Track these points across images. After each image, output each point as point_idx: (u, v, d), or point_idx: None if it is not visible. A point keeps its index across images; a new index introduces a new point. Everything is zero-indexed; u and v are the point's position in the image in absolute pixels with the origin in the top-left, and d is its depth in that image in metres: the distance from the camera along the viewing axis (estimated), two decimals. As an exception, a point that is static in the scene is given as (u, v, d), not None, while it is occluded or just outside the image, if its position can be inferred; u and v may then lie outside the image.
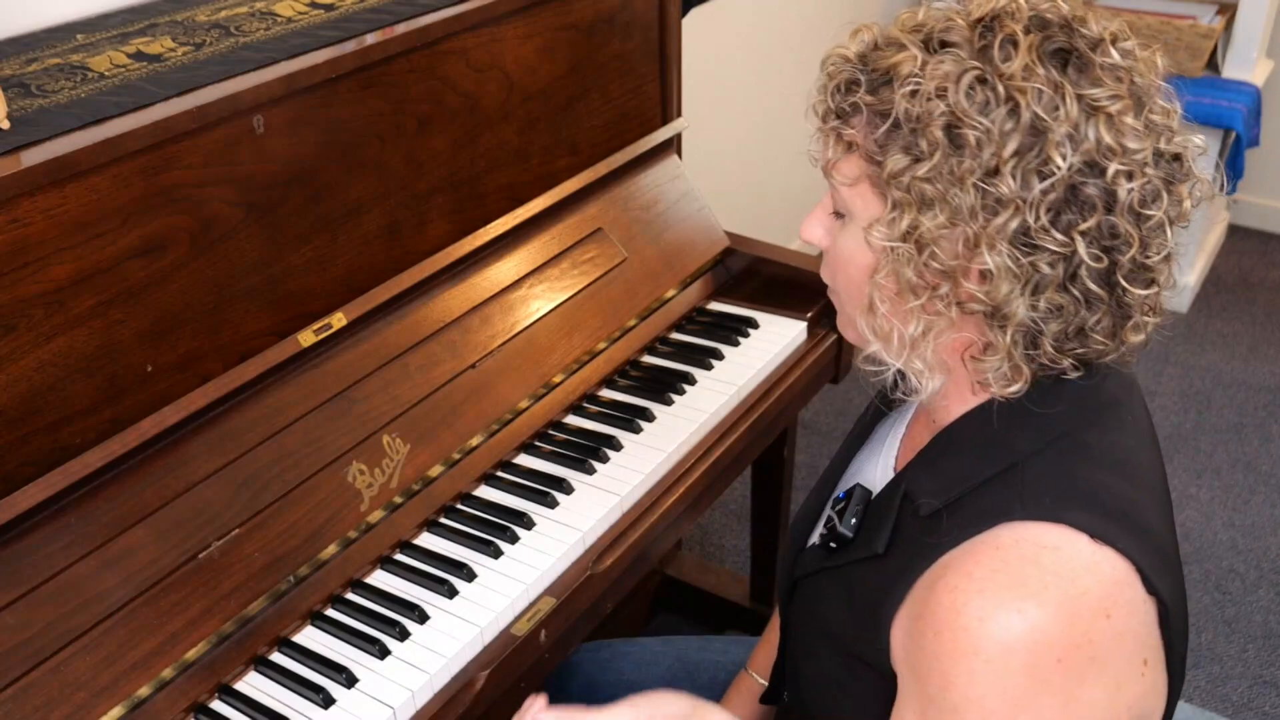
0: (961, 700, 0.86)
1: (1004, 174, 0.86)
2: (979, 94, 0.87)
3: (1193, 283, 3.47)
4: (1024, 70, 0.87)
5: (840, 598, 1.03)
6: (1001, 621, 0.85)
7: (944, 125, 0.87)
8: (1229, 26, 3.21)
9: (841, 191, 0.96)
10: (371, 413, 1.47)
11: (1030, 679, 0.84)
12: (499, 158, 1.70)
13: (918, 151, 0.89)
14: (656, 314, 1.87)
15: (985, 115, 0.87)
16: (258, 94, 1.33)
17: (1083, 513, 0.89)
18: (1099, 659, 0.86)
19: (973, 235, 0.88)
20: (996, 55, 0.88)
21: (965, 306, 0.92)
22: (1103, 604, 0.86)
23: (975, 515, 0.91)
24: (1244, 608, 2.44)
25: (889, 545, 0.99)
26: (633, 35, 1.90)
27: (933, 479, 0.98)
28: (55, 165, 1.15)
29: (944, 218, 0.89)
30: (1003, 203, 0.87)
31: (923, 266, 0.91)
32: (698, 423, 1.67)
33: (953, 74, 0.88)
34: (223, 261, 1.35)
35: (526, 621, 1.36)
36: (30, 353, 1.19)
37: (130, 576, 1.23)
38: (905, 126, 0.89)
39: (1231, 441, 2.93)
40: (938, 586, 0.89)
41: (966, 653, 0.86)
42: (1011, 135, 0.86)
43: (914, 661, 0.91)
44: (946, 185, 0.88)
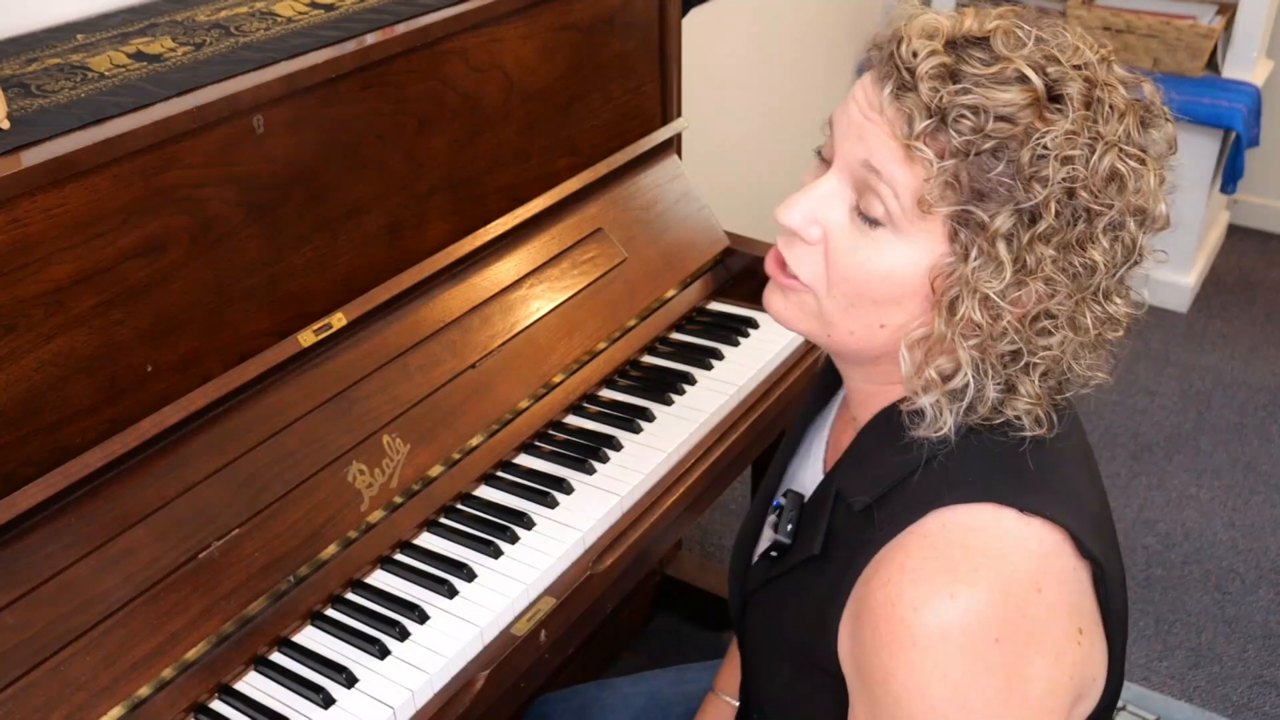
0: (903, 691, 0.86)
1: (1096, 246, 0.87)
2: (1103, 166, 0.85)
3: (1193, 283, 3.47)
4: (1136, 147, 0.87)
5: (790, 606, 1.03)
6: (935, 609, 0.85)
7: (1065, 192, 0.84)
8: (1229, 26, 3.21)
9: (887, 205, 0.88)
10: (371, 413, 1.47)
11: (969, 662, 0.85)
12: (499, 158, 1.70)
13: (1030, 212, 0.84)
14: (656, 314, 1.87)
15: (1120, 194, 0.86)
16: (258, 94, 1.33)
17: (1008, 488, 0.89)
18: (1035, 634, 0.86)
19: (1071, 306, 0.89)
20: (1102, 122, 0.85)
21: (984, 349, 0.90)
22: (1033, 578, 0.86)
23: (904, 507, 0.91)
24: (1244, 608, 2.44)
25: (825, 545, 0.98)
26: (633, 35, 1.90)
27: (862, 474, 0.97)
28: (55, 165, 1.15)
29: (1043, 288, 0.87)
30: (1093, 269, 0.88)
31: (1001, 326, 0.88)
32: (698, 423, 1.67)
33: (1090, 146, 0.84)
34: (223, 261, 1.35)
35: (526, 621, 1.36)
36: (30, 353, 1.19)
37: (130, 576, 1.23)
38: (1018, 180, 0.83)
39: (1231, 441, 2.93)
40: (872, 583, 0.89)
41: (904, 644, 0.86)
42: (1127, 213, 0.87)
43: (857, 659, 0.91)
44: (1060, 253, 0.86)
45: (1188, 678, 2.28)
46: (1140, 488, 2.77)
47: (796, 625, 1.01)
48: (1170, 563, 2.55)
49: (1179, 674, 2.29)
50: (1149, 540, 2.60)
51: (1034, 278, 0.86)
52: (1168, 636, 2.37)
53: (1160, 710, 1.59)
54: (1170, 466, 2.84)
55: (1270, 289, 3.60)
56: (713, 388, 1.75)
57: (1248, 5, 3.16)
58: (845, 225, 0.92)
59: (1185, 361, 3.24)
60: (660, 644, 2.40)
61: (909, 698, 0.86)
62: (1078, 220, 0.85)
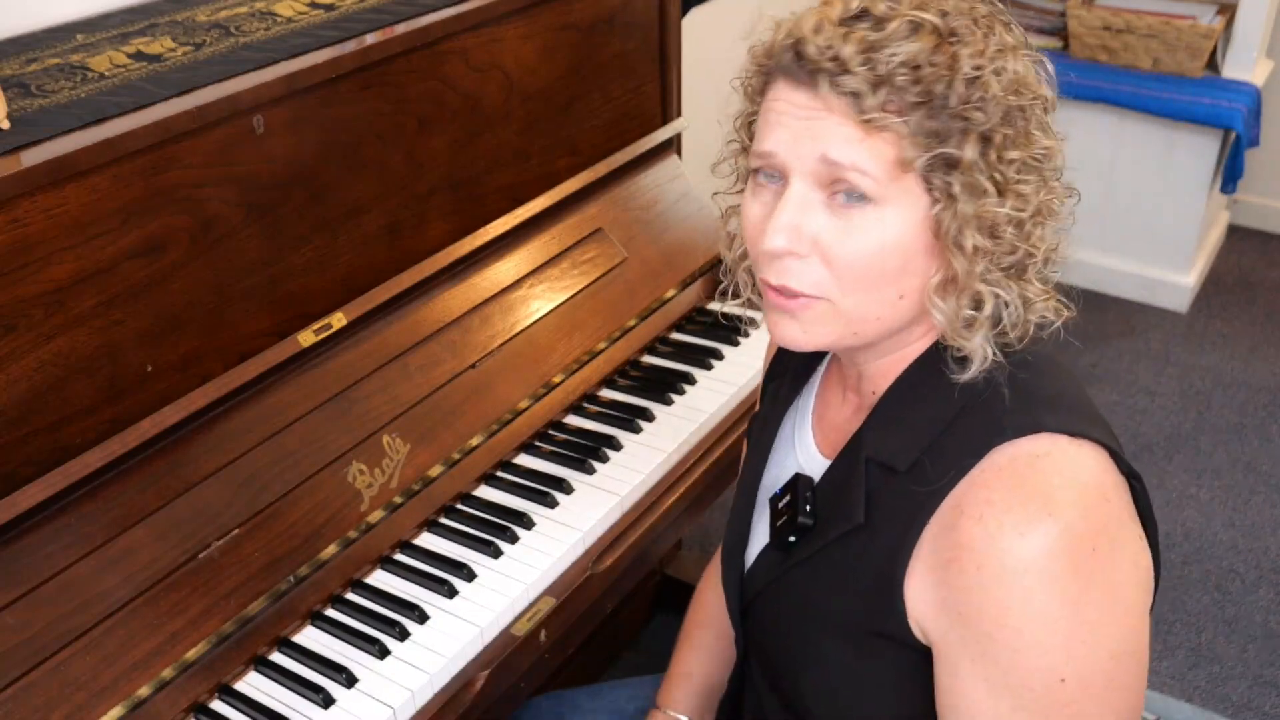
0: (1023, 619, 0.88)
1: (1038, 136, 0.93)
2: (1016, 68, 0.92)
3: (1193, 283, 3.47)
4: (1005, 39, 0.93)
5: (832, 583, 1.02)
6: (1037, 532, 0.88)
7: (1002, 102, 0.90)
8: (1229, 26, 3.21)
9: (862, 183, 0.90)
10: (371, 413, 1.47)
11: (1078, 575, 0.88)
12: (499, 158, 1.70)
13: (985, 133, 0.90)
14: (656, 314, 1.87)
15: (1026, 88, 0.92)
16: (258, 94, 1.33)
17: (1053, 416, 0.93)
18: (1118, 539, 0.91)
19: (1044, 194, 0.94)
20: (990, 35, 0.92)
21: (1024, 273, 0.95)
22: (1101, 490, 0.92)
23: (961, 451, 0.94)
24: (1244, 608, 2.44)
25: (868, 513, 0.99)
26: (633, 35, 1.90)
27: (897, 435, 0.99)
28: (55, 165, 1.15)
29: (1014, 203, 0.92)
30: (1049, 157, 0.94)
31: (1005, 242, 0.93)
32: (698, 423, 1.67)
33: (992, 52, 0.91)
34: (223, 261, 1.35)
35: (526, 621, 1.36)
36: (30, 353, 1.19)
37: (130, 576, 1.23)
38: (966, 109, 0.89)
39: (1231, 441, 2.93)
40: (961, 525, 0.91)
41: (1016, 572, 0.88)
42: (1038, 99, 0.93)
43: (955, 606, 0.91)
44: (1018, 169, 0.92)
45: (1188, 678, 2.28)
46: (1140, 488, 2.77)
47: (847, 599, 1.00)
48: (1170, 563, 2.55)
49: (1179, 674, 2.29)
50: (1149, 540, 2.60)
51: (1012, 185, 0.92)
52: (1168, 636, 2.37)
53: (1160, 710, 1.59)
54: (1170, 466, 2.84)
55: (1270, 289, 3.60)
56: (713, 388, 1.75)
57: (1248, 5, 3.15)
58: (828, 224, 0.93)
59: (1185, 361, 3.24)
60: (660, 644, 2.39)
61: (1029, 623, 0.88)
62: (1018, 121, 0.91)
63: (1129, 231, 3.43)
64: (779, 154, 0.93)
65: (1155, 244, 3.43)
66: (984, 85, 0.89)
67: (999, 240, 0.92)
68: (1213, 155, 3.24)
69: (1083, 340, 3.39)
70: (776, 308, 0.98)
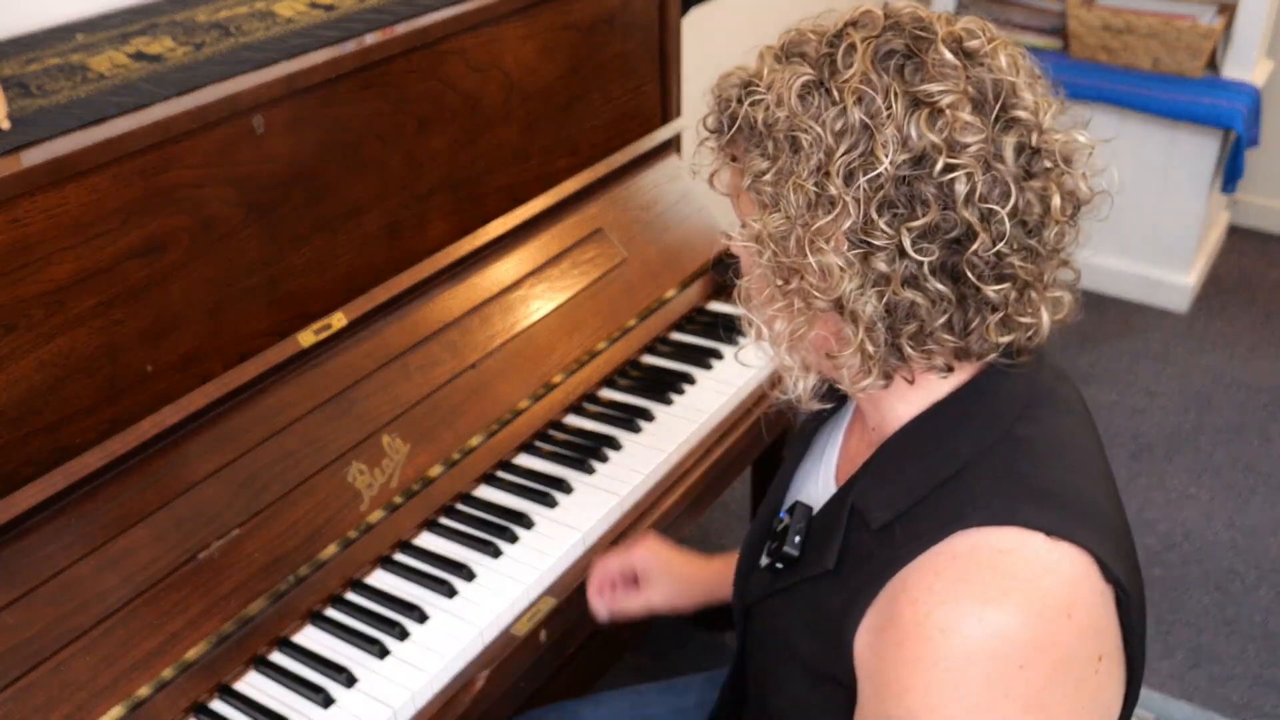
0: (918, 707, 0.86)
1: (832, 174, 0.89)
2: (813, 99, 0.91)
3: (1193, 283, 3.47)
4: (860, 75, 0.89)
5: (800, 618, 1.02)
6: (964, 630, 0.84)
7: (785, 130, 0.91)
8: (1229, 26, 3.20)
9: (734, 204, 1.01)
10: (371, 413, 1.47)
11: (990, 687, 0.84)
12: (499, 158, 1.70)
13: (766, 154, 0.93)
14: (656, 314, 1.87)
15: (817, 119, 0.90)
16: (258, 94, 1.33)
17: (1035, 510, 0.88)
18: (1061, 662, 0.85)
19: (806, 234, 0.91)
20: (840, 63, 0.90)
21: (811, 303, 0.93)
22: (1064, 604, 0.86)
23: (929, 526, 0.91)
24: (1244, 608, 2.44)
25: (840, 561, 0.98)
26: (633, 35, 1.90)
27: (880, 491, 0.97)
28: (55, 165, 1.15)
29: (780, 217, 0.92)
30: (833, 201, 0.89)
31: (774, 265, 0.94)
32: (698, 423, 1.67)
33: (788, 81, 0.91)
34: (223, 261, 1.35)
35: (526, 621, 1.36)
36: (30, 353, 1.19)
37: (130, 576, 1.23)
38: (755, 132, 0.94)
39: (1231, 441, 2.93)
40: (899, 600, 0.89)
41: (927, 663, 0.85)
42: (842, 137, 0.89)
43: (873, 671, 0.91)
44: (783, 186, 0.92)
45: (1188, 678, 2.28)
46: (1140, 488, 2.77)
47: (807, 639, 1.01)
48: (1170, 563, 2.55)
49: (1179, 674, 2.29)
50: (1149, 540, 2.60)
51: (779, 212, 0.93)
52: (1168, 636, 2.37)
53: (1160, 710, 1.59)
54: (1170, 466, 2.84)
55: (1270, 289, 3.60)
56: (713, 388, 1.75)
57: (1248, 5, 3.15)
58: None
59: (1185, 361, 3.24)
60: (660, 644, 2.39)
61: (923, 715, 0.86)
62: (798, 153, 0.91)
63: (1129, 231, 3.43)
64: None
65: (1155, 244, 3.43)
66: (767, 105, 0.93)
67: (752, 250, 0.96)
68: (1213, 155, 3.24)
69: (1083, 340, 3.39)
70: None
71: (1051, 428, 0.96)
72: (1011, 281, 0.91)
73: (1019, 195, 0.89)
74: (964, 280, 0.90)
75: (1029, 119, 0.90)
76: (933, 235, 0.88)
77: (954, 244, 0.88)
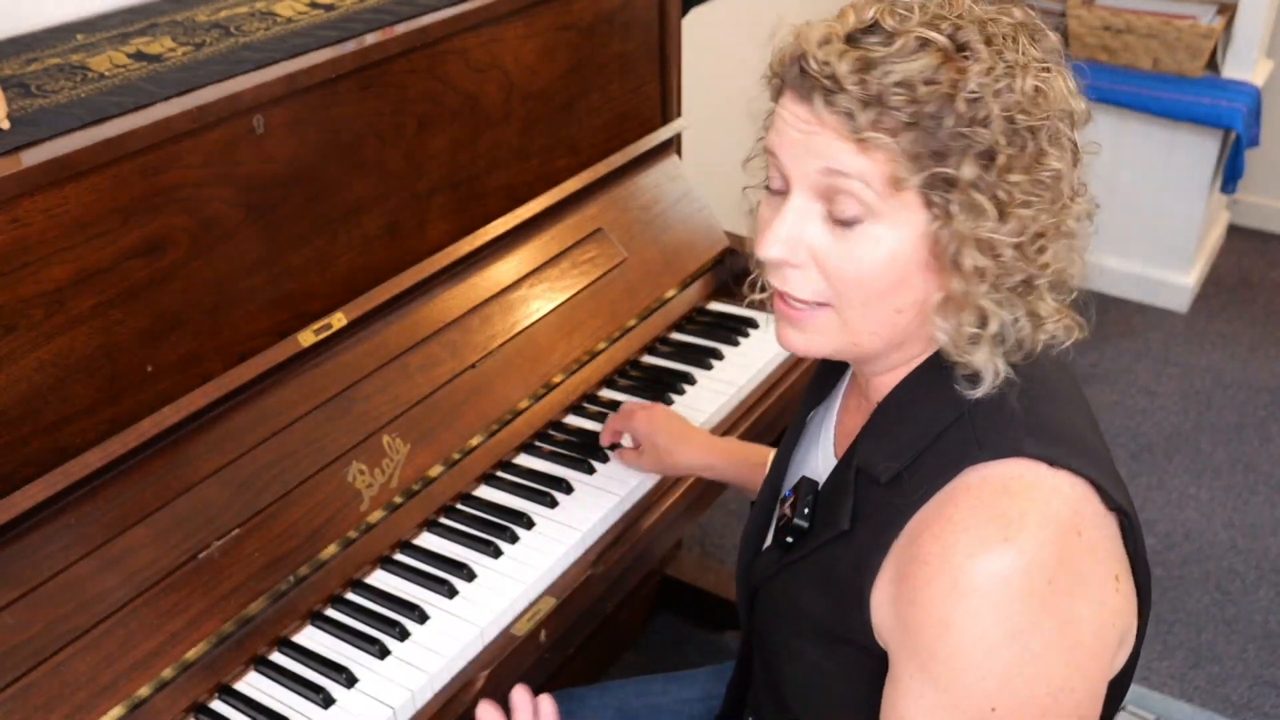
0: (964, 640, 0.88)
1: (1050, 156, 0.91)
2: (1026, 87, 0.90)
3: (1193, 283, 3.47)
4: (1036, 59, 0.91)
5: (813, 586, 1.03)
6: (991, 555, 0.87)
7: (1006, 122, 0.89)
8: (1229, 26, 3.21)
9: (862, 198, 0.91)
10: (371, 413, 1.47)
11: (1027, 605, 0.87)
12: (499, 158, 1.70)
13: (986, 152, 0.89)
14: (656, 314, 1.87)
15: (1037, 108, 0.90)
16: (258, 94, 1.33)
17: (1035, 442, 0.92)
18: (1082, 574, 0.89)
19: (1053, 216, 0.92)
20: (1005, 51, 0.90)
21: (1030, 291, 0.94)
22: (1073, 522, 0.89)
23: (937, 468, 0.93)
24: (1244, 608, 2.44)
25: (853, 520, 1.00)
26: (633, 35, 1.90)
27: (885, 447, 0.99)
28: (55, 165, 1.15)
29: (1027, 215, 0.91)
30: (1060, 179, 0.92)
31: (1010, 262, 0.92)
32: (698, 423, 1.67)
33: (1000, 70, 0.89)
34: (223, 261, 1.35)
35: (526, 621, 1.36)
36: (30, 353, 1.19)
37: (130, 576, 1.23)
38: (965, 128, 0.88)
39: (1231, 441, 2.93)
40: (921, 539, 0.91)
41: (964, 592, 0.87)
42: (1064, 120, 0.92)
43: (905, 619, 0.92)
44: (1028, 181, 0.91)
45: (1188, 678, 2.28)
46: (1140, 488, 2.77)
47: (821, 603, 1.02)
48: (1170, 563, 2.55)
49: (1179, 674, 2.29)
50: (1149, 540, 2.60)
51: (1015, 206, 0.90)
52: (1168, 636, 2.37)
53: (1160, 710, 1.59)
54: (1170, 466, 2.84)
55: (1270, 289, 3.60)
56: (713, 388, 1.75)
57: (1248, 5, 3.15)
58: (826, 236, 0.94)
59: (1185, 361, 3.24)
60: (660, 644, 2.39)
61: (970, 645, 0.87)
62: (1026, 141, 0.90)
63: (1129, 231, 3.43)
64: (782, 161, 0.95)
65: (1155, 244, 3.43)
66: (984, 105, 0.88)
67: (999, 260, 0.91)
68: (1213, 155, 3.24)
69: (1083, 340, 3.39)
70: (779, 313, 1.01)
71: (1042, 375, 0.98)
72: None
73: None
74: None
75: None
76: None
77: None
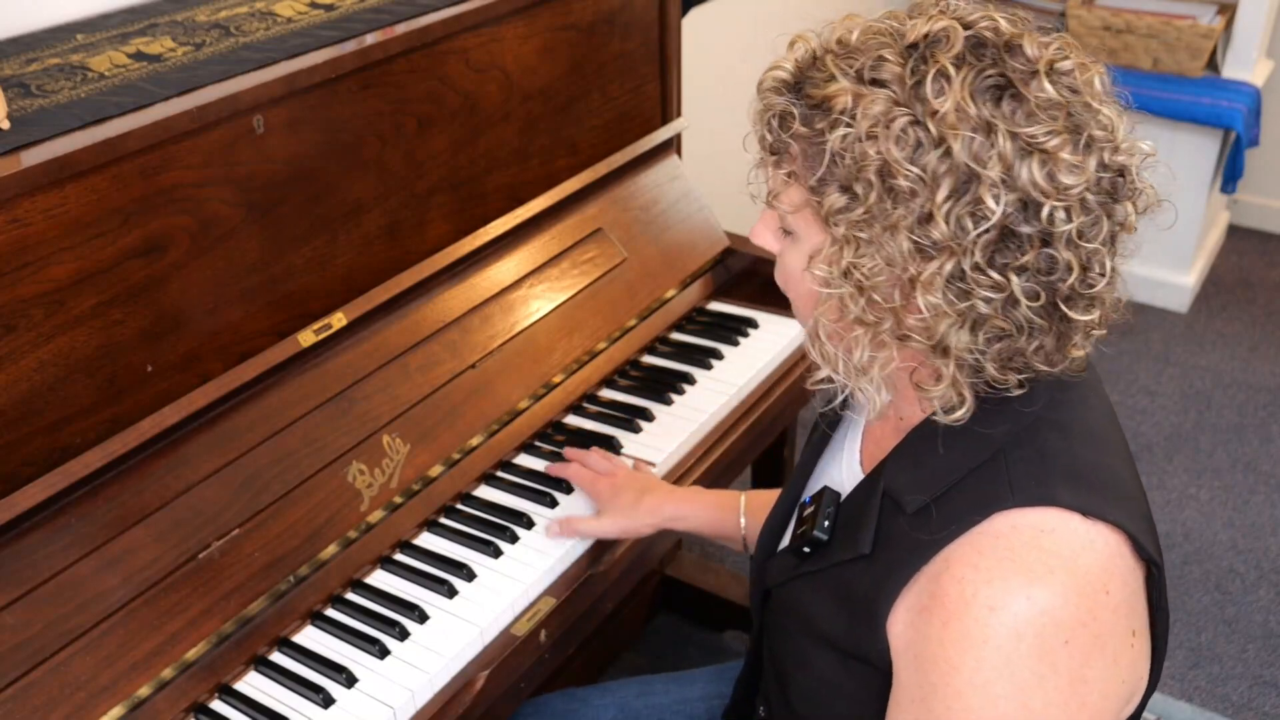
0: (967, 686, 0.87)
1: (937, 220, 0.85)
2: (910, 137, 0.85)
3: (1193, 283, 3.47)
4: (956, 110, 0.85)
5: (828, 600, 1.03)
6: (1011, 609, 0.86)
7: (876, 170, 0.87)
8: (1229, 26, 3.21)
9: (786, 218, 0.98)
10: (371, 413, 1.47)
11: (1039, 663, 0.86)
12: (499, 158, 1.70)
13: (853, 193, 0.89)
14: (656, 314, 1.87)
15: (916, 162, 0.85)
16: (258, 94, 1.32)
17: (1070, 491, 0.90)
18: (1101, 635, 0.88)
19: (907, 280, 0.89)
20: (929, 92, 0.85)
21: (906, 341, 0.92)
22: (1102, 580, 0.88)
23: (967, 508, 0.92)
24: (1244, 608, 2.44)
25: (874, 544, 0.99)
26: (633, 35, 1.90)
27: (914, 475, 0.98)
28: (55, 165, 1.15)
29: (880, 260, 0.89)
30: (937, 248, 0.86)
31: (864, 303, 0.92)
32: (698, 423, 1.67)
33: (883, 118, 0.86)
34: (223, 261, 1.35)
35: (526, 621, 1.36)
36: (30, 353, 1.19)
37: (130, 576, 1.23)
38: (840, 165, 0.89)
39: (1231, 441, 2.93)
40: (942, 580, 0.90)
41: (976, 642, 0.87)
42: (944, 180, 0.85)
43: (917, 651, 0.92)
44: (880, 230, 0.88)
45: (1188, 678, 2.28)
46: (1140, 488, 2.77)
47: (836, 620, 1.01)
48: (1170, 563, 2.55)
49: (1179, 674, 2.29)
50: (1149, 540, 2.60)
51: (874, 255, 0.89)
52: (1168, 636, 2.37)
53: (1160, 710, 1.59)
54: (1170, 466, 2.84)
55: (1270, 289, 3.60)
56: (713, 388, 1.75)
57: (1248, 5, 3.15)
58: (782, 238, 1.02)
59: (1185, 361, 3.24)
60: (660, 644, 2.39)
61: (972, 693, 0.87)
62: (895, 196, 0.87)
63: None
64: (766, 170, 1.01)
65: (1155, 244, 3.42)
66: (848, 142, 0.88)
67: (864, 295, 0.92)
68: (1213, 155, 3.24)
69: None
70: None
71: (1080, 412, 0.97)
72: (1100, 305, 0.93)
73: (1109, 224, 0.90)
74: (1057, 311, 0.90)
75: (1106, 138, 0.89)
76: (1032, 274, 0.88)
77: (1050, 278, 0.88)
